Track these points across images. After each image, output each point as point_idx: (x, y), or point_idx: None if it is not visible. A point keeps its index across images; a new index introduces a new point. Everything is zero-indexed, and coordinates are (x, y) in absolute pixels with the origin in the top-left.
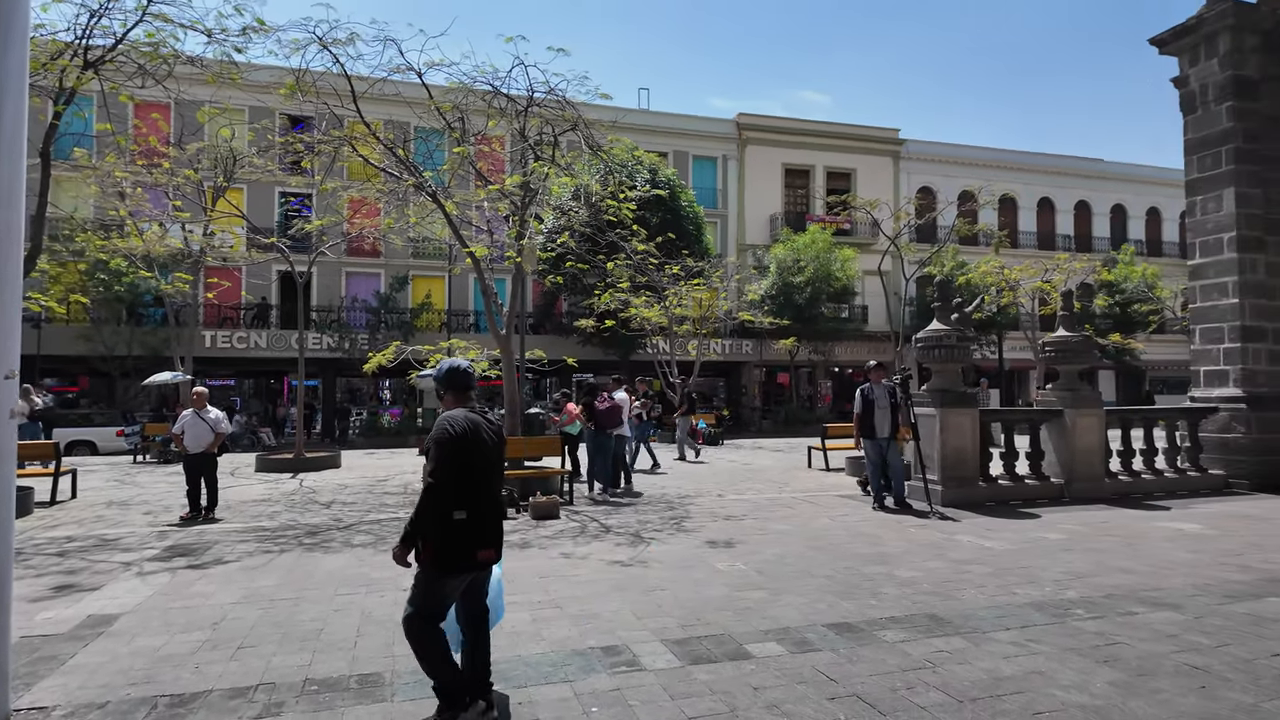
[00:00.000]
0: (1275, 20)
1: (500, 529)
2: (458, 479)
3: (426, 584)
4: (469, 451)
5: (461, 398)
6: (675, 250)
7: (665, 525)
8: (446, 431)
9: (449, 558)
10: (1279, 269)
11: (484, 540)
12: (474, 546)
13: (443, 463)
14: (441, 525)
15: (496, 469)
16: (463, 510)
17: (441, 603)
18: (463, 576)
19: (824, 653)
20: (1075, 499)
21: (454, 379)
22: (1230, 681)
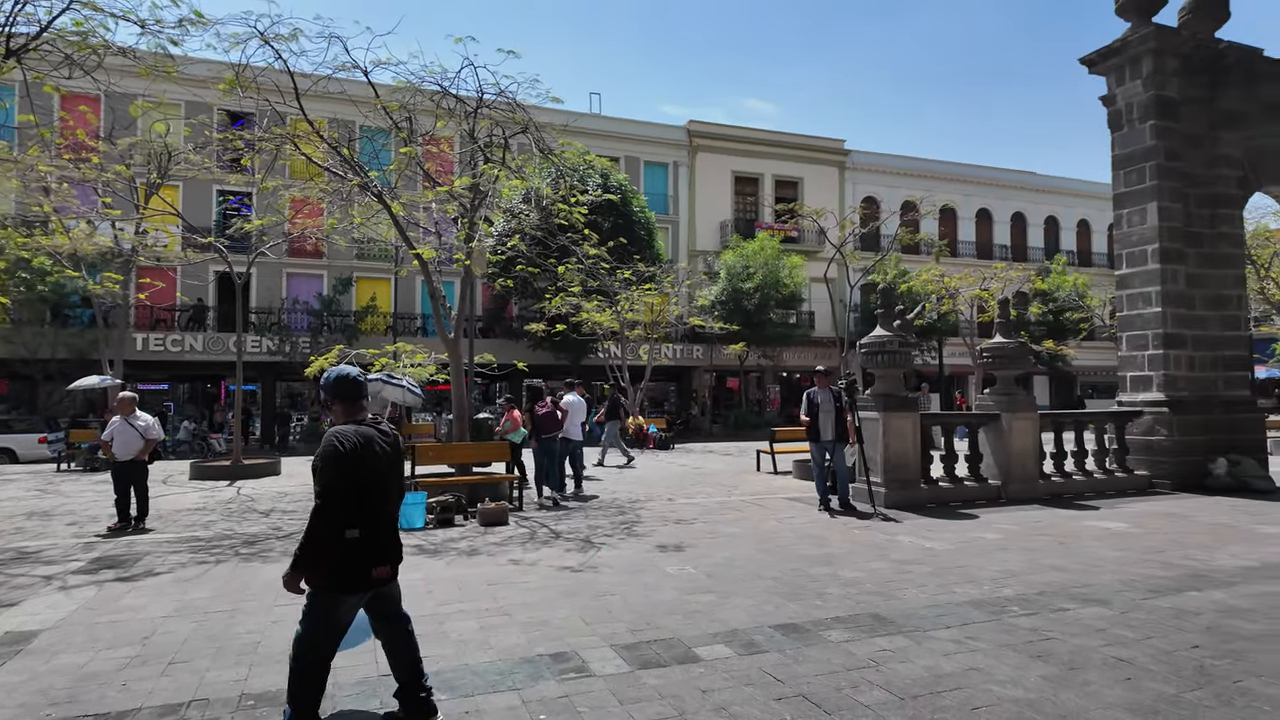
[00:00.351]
0: (1194, 45)
1: (397, 545)
2: (349, 496)
3: (319, 605)
4: (360, 467)
5: (352, 408)
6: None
7: (616, 530)
8: (335, 448)
9: (343, 578)
10: (1198, 280)
11: (380, 557)
12: (369, 564)
13: (332, 482)
14: (334, 545)
15: (392, 483)
16: (356, 529)
17: (338, 625)
18: (359, 595)
19: (771, 654)
20: (1011, 500)
21: (343, 389)
22: (1153, 673)
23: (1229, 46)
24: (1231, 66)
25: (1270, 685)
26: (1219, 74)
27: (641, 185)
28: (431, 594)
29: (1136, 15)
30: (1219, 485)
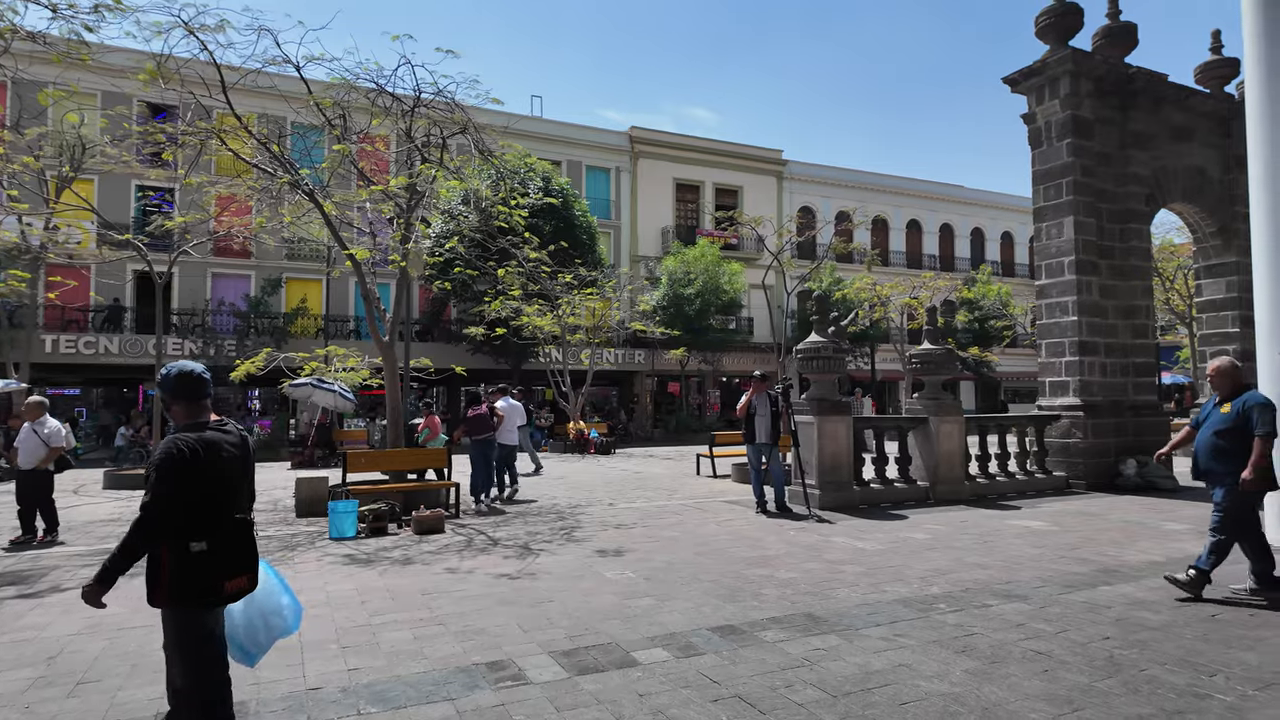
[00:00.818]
0: (1106, 69)
1: (253, 554)
2: (193, 507)
3: (179, 626)
4: (203, 474)
5: (194, 409)
6: (568, 259)
7: (555, 536)
8: (172, 453)
9: (191, 593)
10: (1109, 291)
11: (233, 569)
12: (221, 577)
13: (164, 490)
14: (178, 558)
15: (243, 487)
16: (202, 540)
17: (208, 641)
18: (215, 611)
19: (708, 656)
20: (939, 500)
21: (184, 387)
22: (1068, 664)
23: (1138, 71)
24: (1140, 90)
25: (1172, 673)
26: (1128, 97)
27: (583, 189)
28: (364, 604)
29: (1055, 38)
30: (1128, 485)
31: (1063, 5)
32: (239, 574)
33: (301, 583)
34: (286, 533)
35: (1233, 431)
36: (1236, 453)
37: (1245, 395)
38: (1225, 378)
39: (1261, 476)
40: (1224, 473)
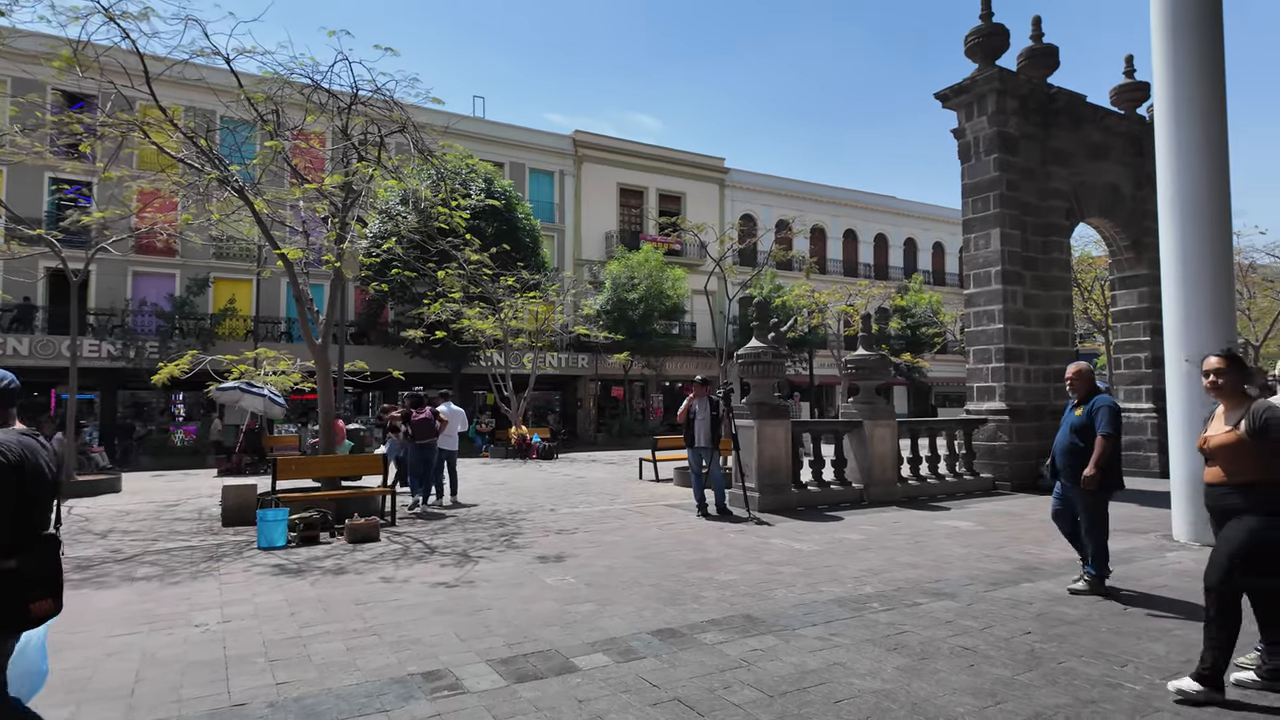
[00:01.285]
0: (1030, 88)
1: (60, 574)
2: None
3: None
4: (24, 484)
5: (3, 415)
6: (511, 262)
7: (495, 542)
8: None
9: None
10: (1033, 300)
11: (41, 589)
12: (28, 598)
13: None
14: None
15: (50, 502)
16: (11, 558)
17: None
18: (14, 638)
19: (648, 659)
20: (873, 502)
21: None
22: (992, 658)
23: (1059, 91)
24: (1061, 109)
25: (1088, 665)
26: (1050, 115)
27: (527, 192)
28: (294, 616)
29: (982, 57)
30: (1049, 485)
31: (989, 26)
32: (47, 595)
33: (228, 594)
34: (212, 542)
35: (1084, 431)
36: (1088, 453)
37: (1095, 398)
38: (1082, 381)
39: (1105, 475)
40: (1075, 471)
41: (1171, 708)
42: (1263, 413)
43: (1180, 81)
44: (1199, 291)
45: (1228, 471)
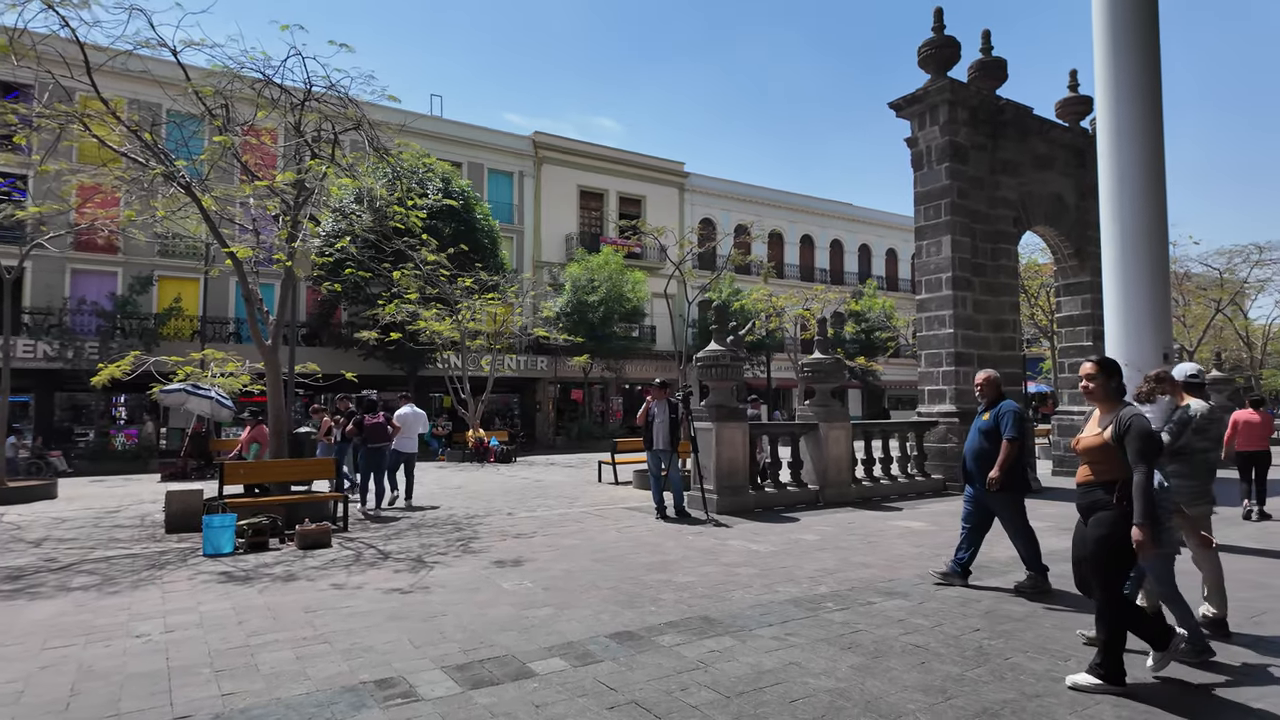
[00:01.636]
0: (980, 99)
1: None
2: None
3: None
4: None
5: None
6: (469, 263)
7: (451, 547)
8: None
9: None
10: (982, 305)
11: None
12: None
13: None
14: None
15: None
16: None
17: None
18: None
19: (605, 663)
20: (828, 502)
21: None
22: (942, 655)
23: (1007, 103)
24: (1009, 121)
25: (1033, 660)
26: (999, 126)
27: (485, 193)
28: (241, 624)
29: (935, 68)
30: None
31: (942, 38)
32: None
33: (171, 603)
34: (155, 550)
35: (991, 435)
36: (994, 456)
37: (1001, 404)
38: (990, 387)
39: (1009, 477)
40: (983, 474)
41: (1112, 700)
42: (1128, 419)
43: (1120, 99)
44: (1138, 299)
45: (1095, 471)
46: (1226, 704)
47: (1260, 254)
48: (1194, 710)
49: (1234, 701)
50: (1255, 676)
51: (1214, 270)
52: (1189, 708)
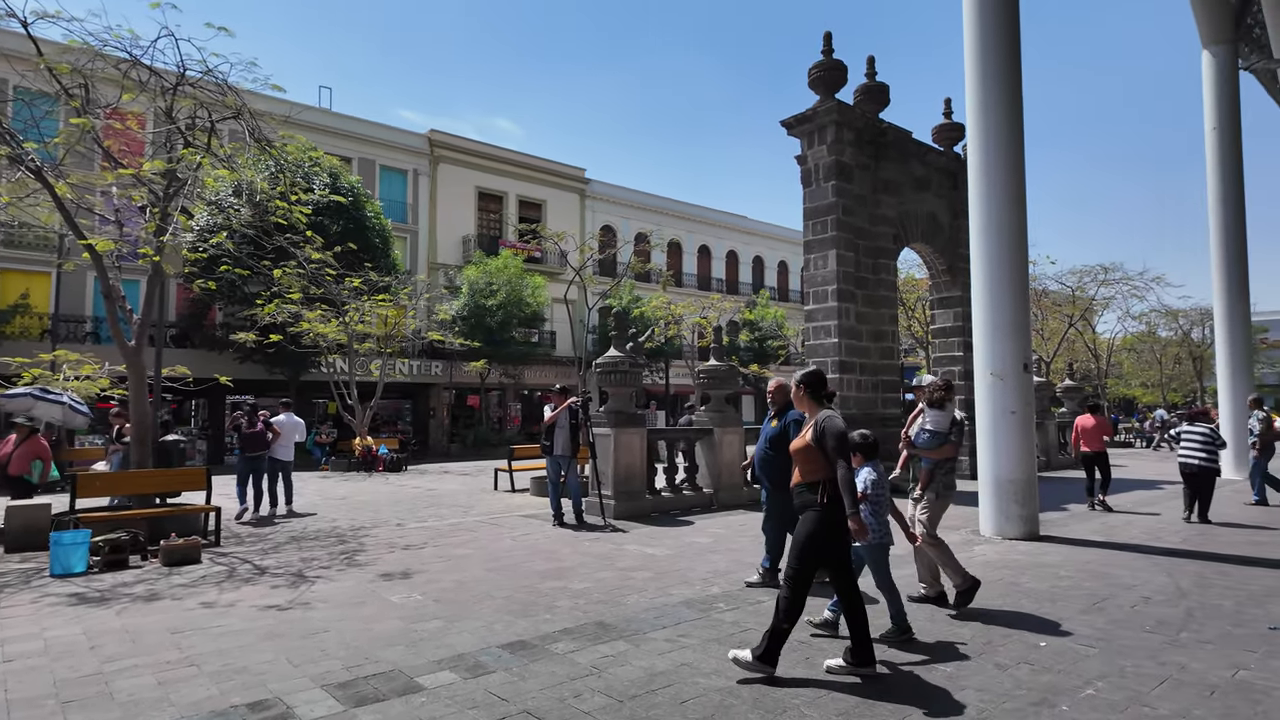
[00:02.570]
0: (865, 121)
1: None
2: None
3: None
4: None
5: None
6: (358, 262)
7: (335, 561)
8: None
9: None
10: (864, 317)
11: None
12: None
13: None
14: None
15: None
16: None
17: None
18: None
19: (498, 673)
20: (722, 505)
21: None
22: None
23: (889, 126)
24: (890, 143)
25: (909, 650)
26: (881, 148)
27: (377, 190)
28: (95, 650)
29: (824, 90)
30: None
31: (830, 62)
32: None
33: (10, 630)
34: None
35: (777, 441)
36: (780, 460)
37: (789, 412)
38: (780, 394)
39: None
40: (769, 479)
41: (977, 686)
42: (822, 422)
43: (988, 131)
44: (1002, 312)
45: (802, 473)
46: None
47: (1105, 274)
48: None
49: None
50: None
51: (1067, 288)
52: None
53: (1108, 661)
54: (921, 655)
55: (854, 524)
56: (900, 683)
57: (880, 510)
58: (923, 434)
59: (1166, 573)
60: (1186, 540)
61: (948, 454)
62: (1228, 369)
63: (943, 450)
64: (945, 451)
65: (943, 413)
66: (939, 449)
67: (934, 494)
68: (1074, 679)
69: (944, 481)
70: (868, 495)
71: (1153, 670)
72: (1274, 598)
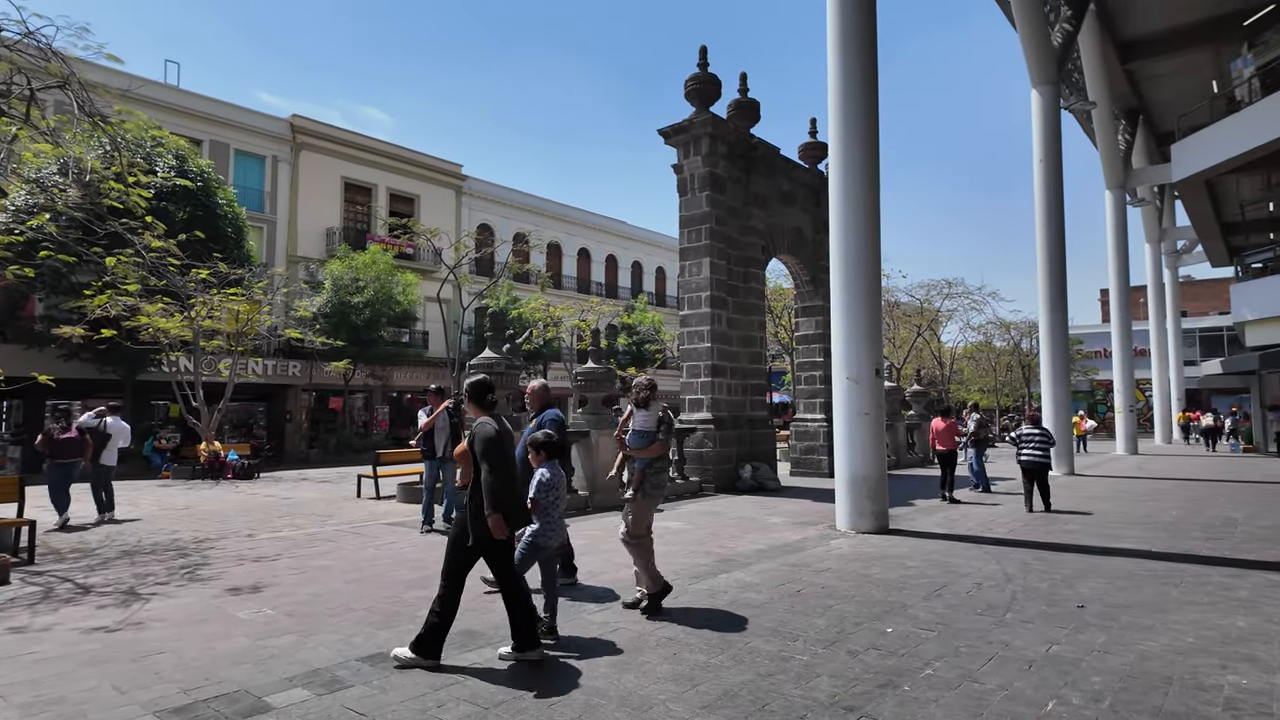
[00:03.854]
0: (737, 135)
1: None
2: None
3: None
4: None
5: None
6: (207, 252)
7: (173, 576)
8: None
9: None
10: (735, 323)
11: None
12: None
13: None
14: None
15: None
16: None
17: None
18: None
19: (356, 688)
20: (597, 507)
21: None
22: (692, 646)
23: (759, 141)
24: (760, 158)
25: (767, 643)
26: (752, 162)
27: (231, 176)
28: None
29: (699, 102)
30: (745, 486)
31: (705, 75)
32: None
33: None
34: None
35: None
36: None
37: (545, 412)
38: (535, 398)
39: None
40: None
41: (831, 673)
42: (474, 428)
43: (848, 156)
44: (857, 322)
45: (462, 477)
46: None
47: (950, 288)
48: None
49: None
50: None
51: (916, 300)
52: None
53: (944, 643)
54: (776, 644)
55: (493, 522)
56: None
57: (549, 511)
58: (632, 435)
59: (996, 560)
60: (1013, 530)
61: (656, 453)
62: (1050, 376)
63: (651, 449)
64: (654, 450)
65: (649, 413)
66: (648, 448)
67: (641, 494)
68: (915, 660)
69: (653, 481)
70: (536, 498)
71: (982, 649)
72: (1082, 578)
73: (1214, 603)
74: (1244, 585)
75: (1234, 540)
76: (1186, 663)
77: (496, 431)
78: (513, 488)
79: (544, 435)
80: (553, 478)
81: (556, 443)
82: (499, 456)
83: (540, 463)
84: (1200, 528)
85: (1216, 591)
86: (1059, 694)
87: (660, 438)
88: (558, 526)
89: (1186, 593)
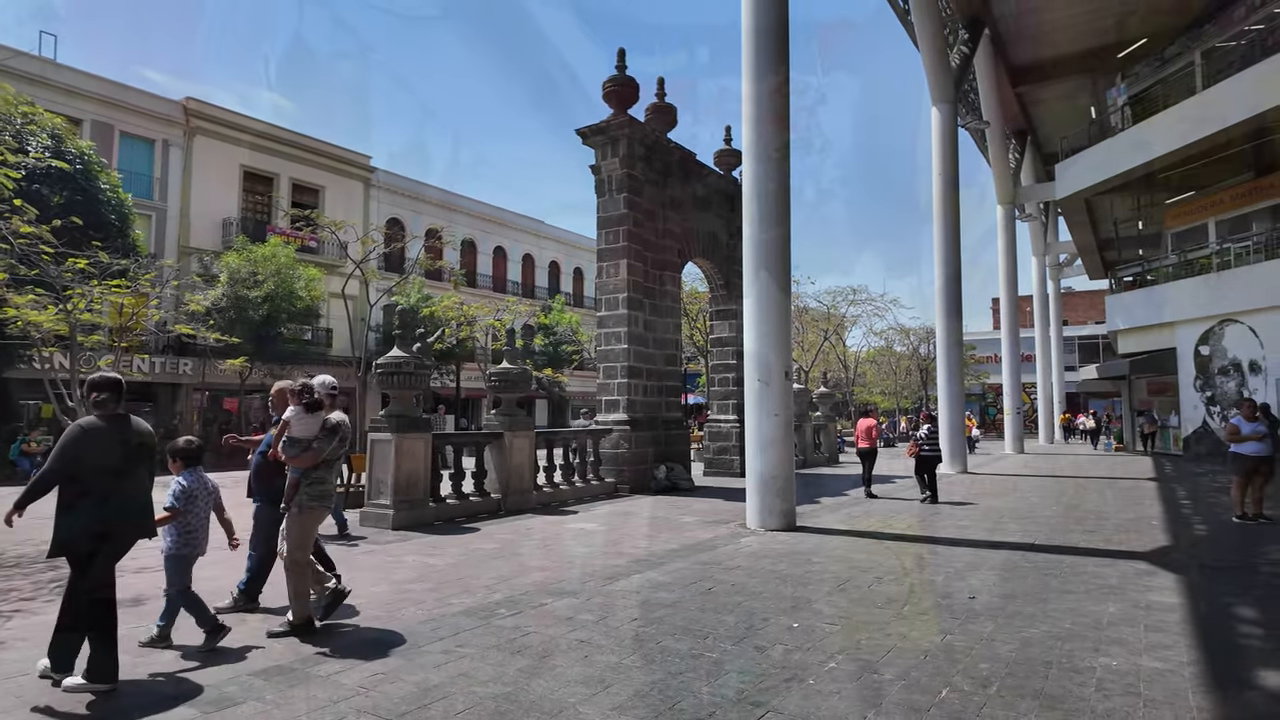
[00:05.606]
0: (655, 139)
1: None
2: None
3: None
4: None
5: None
6: (86, 240)
7: (40, 591)
8: None
9: None
10: (651, 325)
11: None
12: None
13: None
14: None
15: None
16: None
17: None
18: None
19: (247, 704)
20: (510, 510)
21: None
22: (604, 647)
23: (676, 146)
24: (677, 163)
25: (679, 641)
26: (669, 166)
27: (115, 160)
28: None
29: (617, 104)
30: (660, 486)
31: (623, 78)
32: None
33: None
34: None
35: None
36: (266, 471)
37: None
38: (281, 400)
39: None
40: (259, 490)
41: (739, 670)
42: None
43: (761, 166)
44: (768, 325)
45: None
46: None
47: (855, 295)
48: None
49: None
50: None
51: (823, 306)
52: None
53: (847, 636)
54: (687, 642)
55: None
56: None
57: (186, 520)
58: (287, 441)
59: (895, 555)
60: (910, 526)
61: (307, 463)
62: (945, 379)
63: (303, 459)
64: (305, 460)
65: (311, 417)
66: (299, 457)
67: (296, 508)
68: (819, 654)
69: (309, 493)
70: (174, 506)
71: (882, 641)
72: (973, 571)
73: (1088, 591)
74: (1113, 574)
75: (1105, 532)
76: (1064, 648)
77: (83, 430)
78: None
79: (185, 442)
80: (189, 486)
81: (193, 449)
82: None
83: (179, 470)
84: (1076, 521)
85: (1090, 580)
86: (951, 682)
87: (314, 446)
88: (192, 537)
89: (1064, 582)
